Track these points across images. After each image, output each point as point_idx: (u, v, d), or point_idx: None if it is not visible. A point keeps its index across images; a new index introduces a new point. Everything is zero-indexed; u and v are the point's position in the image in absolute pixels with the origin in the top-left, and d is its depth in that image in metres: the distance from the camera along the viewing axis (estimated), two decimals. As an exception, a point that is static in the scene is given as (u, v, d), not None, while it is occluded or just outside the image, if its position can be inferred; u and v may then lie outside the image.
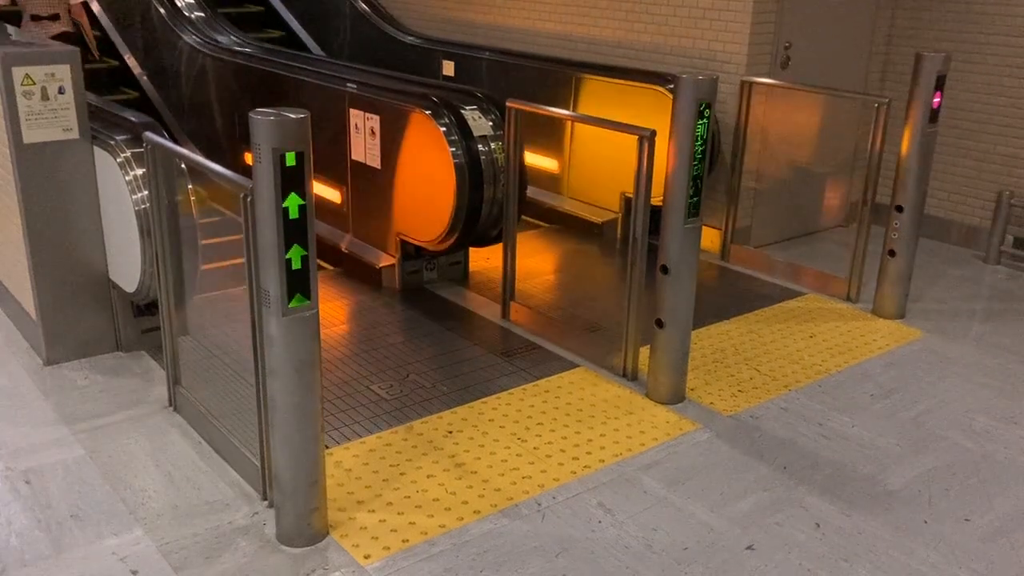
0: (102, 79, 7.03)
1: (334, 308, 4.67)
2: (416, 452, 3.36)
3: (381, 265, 4.92)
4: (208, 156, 6.47)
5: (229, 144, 6.34)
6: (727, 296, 5.01)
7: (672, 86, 3.61)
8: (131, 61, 7.17)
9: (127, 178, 3.59)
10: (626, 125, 3.83)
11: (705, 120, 3.45)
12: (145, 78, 7.11)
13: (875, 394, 3.93)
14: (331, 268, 5.28)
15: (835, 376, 4.07)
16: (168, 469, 3.22)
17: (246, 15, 7.98)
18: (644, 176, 3.68)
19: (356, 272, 5.09)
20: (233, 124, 6.31)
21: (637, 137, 3.67)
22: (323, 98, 5.22)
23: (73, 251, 3.90)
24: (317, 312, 2.65)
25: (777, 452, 3.46)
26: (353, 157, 5.04)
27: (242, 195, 2.65)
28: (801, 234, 6.02)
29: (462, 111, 4.51)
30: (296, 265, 2.56)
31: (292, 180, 2.49)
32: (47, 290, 3.88)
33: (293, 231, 2.53)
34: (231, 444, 3.21)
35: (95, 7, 7.28)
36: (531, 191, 6.23)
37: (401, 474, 3.22)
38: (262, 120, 2.44)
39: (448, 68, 6.92)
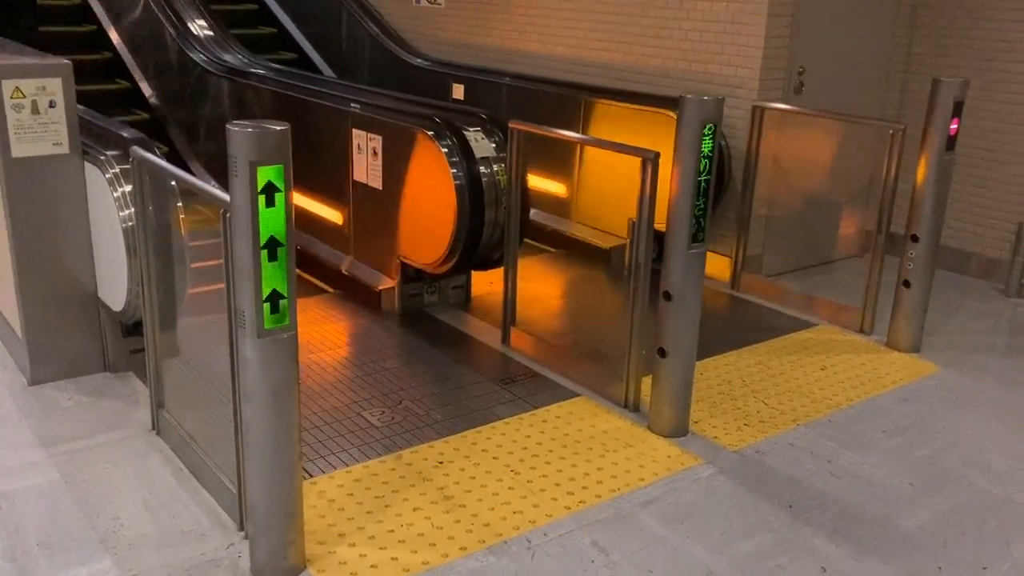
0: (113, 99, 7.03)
1: (332, 331, 4.55)
2: (404, 483, 3.22)
3: (381, 288, 4.81)
4: (216, 177, 6.45)
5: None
6: (736, 326, 4.85)
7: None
8: (141, 82, 7.14)
9: (115, 194, 3.50)
10: (630, 147, 3.70)
11: (710, 142, 3.32)
12: (154, 99, 7.08)
13: (888, 431, 3.75)
14: (332, 291, 5.17)
15: (846, 411, 3.90)
16: (145, 496, 3.10)
17: (262, 37, 7.98)
18: (647, 200, 3.56)
19: (356, 295, 4.97)
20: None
21: (640, 159, 3.54)
22: (326, 118, 5.14)
23: (61, 268, 3.80)
24: (295, 334, 2.52)
25: (783, 490, 3.29)
26: (355, 178, 4.95)
27: (221, 211, 2.54)
28: (814, 263, 5.87)
29: (464, 132, 4.41)
30: (273, 285, 2.43)
31: (271, 196, 2.38)
32: (33, 308, 3.78)
33: (271, 249, 2.41)
34: (210, 470, 3.08)
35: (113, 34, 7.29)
36: (538, 215, 6.14)
37: (386, 506, 3.08)
38: (239, 132, 2.33)
39: (458, 91, 6.85)
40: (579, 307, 5.22)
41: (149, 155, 3.19)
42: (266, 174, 2.35)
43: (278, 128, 2.36)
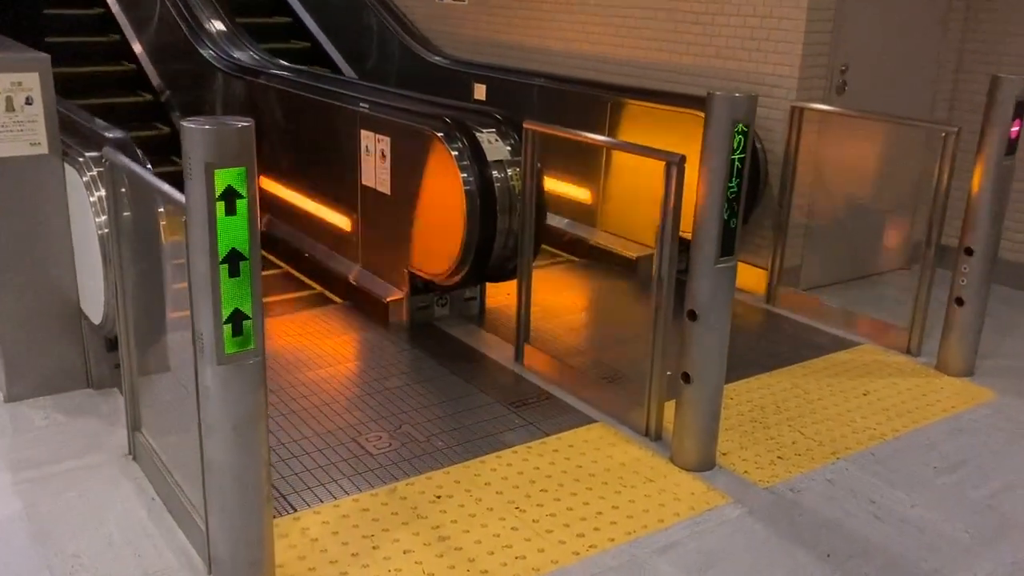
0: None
1: (334, 345, 4.26)
2: (395, 521, 2.90)
3: (389, 300, 4.51)
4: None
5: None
6: (771, 344, 4.48)
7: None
8: (147, 66, 6.88)
9: (92, 199, 3.24)
10: (653, 150, 3.37)
11: (741, 144, 2.97)
12: (165, 94, 6.85)
13: (939, 467, 3.37)
14: (340, 301, 4.89)
15: (891, 443, 3.52)
16: (110, 530, 2.82)
17: (274, 26, 7.73)
18: (672, 207, 3.22)
19: (364, 306, 4.68)
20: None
21: (664, 163, 3.21)
22: (335, 118, 4.86)
23: (41, 278, 3.55)
24: (262, 360, 2.22)
25: (820, 535, 2.93)
26: (363, 182, 4.66)
27: (183, 219, 2.24)
28: (857, 276, 5.46)
29: (476, 133, 4.09)
30: (236, 304, 2.14)
31: (231, 202, 2.08)
32: (11, 319, 3.53)
33: (232, 263, 2.11)
34: (181, 503, 2.80)
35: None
36: (562, 223, 5.81)
37: (374, 548, 2.77)
38: (193, 129, 2.04)
39: (480, 92, 6.54)
40: (601, 322, 4.88)
41: (121, 157, 2.91)
42: (225, 178, 2.06)
43: (239, 125, 2.07)
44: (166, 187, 2.44)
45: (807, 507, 3.08)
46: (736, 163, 2.99)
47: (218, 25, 6.45)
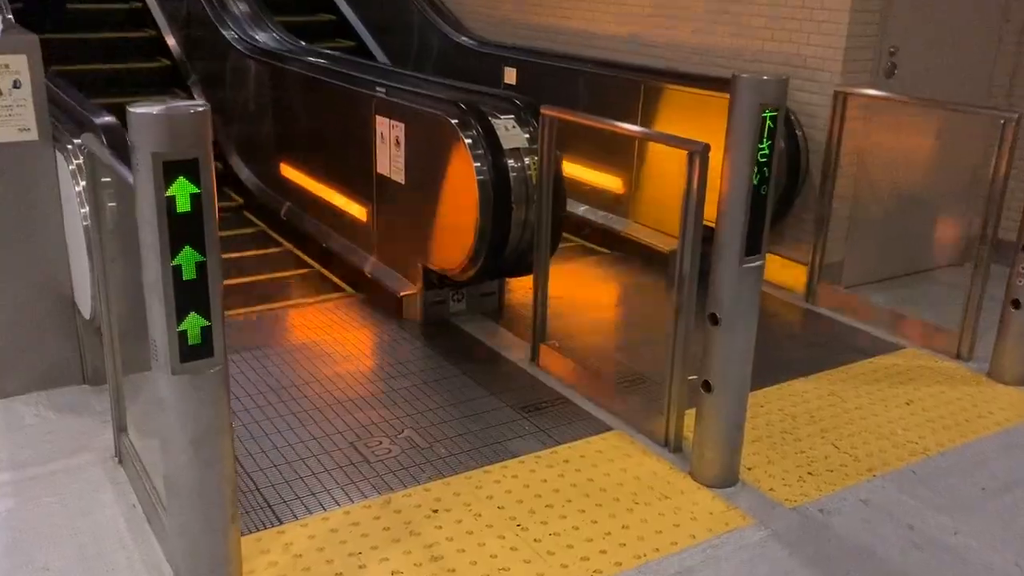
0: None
1: (341, 341, 4.07)
2: (386, 537, 2.70)
3: (403, 294, 4.30)
4: (250, 167, 6.06)
5: (263, 154, 5.86)
6: (808, 347, 4.18)
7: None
8: (181, 62, 6.80)
9: (77, 188, 3.07)
10: (675, 138, 3.11)
11: (770, 131, 2.69)
12: (194, 79, 6.74)
13: (988, 488, 3.06)
14: (355, 293, 4.70)
15: (936, 459, 3.22)
16: (84, 541, 2.65)
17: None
18: (694, 200, 2.95)
19: (378, 299, 4.49)
20: (264, 131, 5.83)
21: (687, 152, 2.94)
22: (350, 103, 4.66)
23: (33, 269, 3.41)
24: (223, 369, 2.02)
25: (851, 564, 2.65)
26: (379, 170, 4.45)
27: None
28: (904, 273, 5.11)
29: (492, 120, 3.85)
30: (192, 308, 1.94)
31: (184, 198, 1.88)
32: (3, 312, 3.40)
33: (186, 263, 1.91)
34: (158, 514, 2.62)
35: None
36: (592, 213, 5.56)
37: (360, 567, 2.57)
38: (142, 115, 1.83)
39: (510, 76, 6.29)
40: (626, 321, 4.62)
41: (99, 145, 2.73)
42: (176, 170, 1.85)
43: (192, 110, 1.86)
44: (127, 174, 2.25)
45: (837, 531, 2.80)
46: (763, 153, 2.71)
47: (241, 5, 6.30)
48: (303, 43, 6.12)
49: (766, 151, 2.72)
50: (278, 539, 2.67)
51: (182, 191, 1.86)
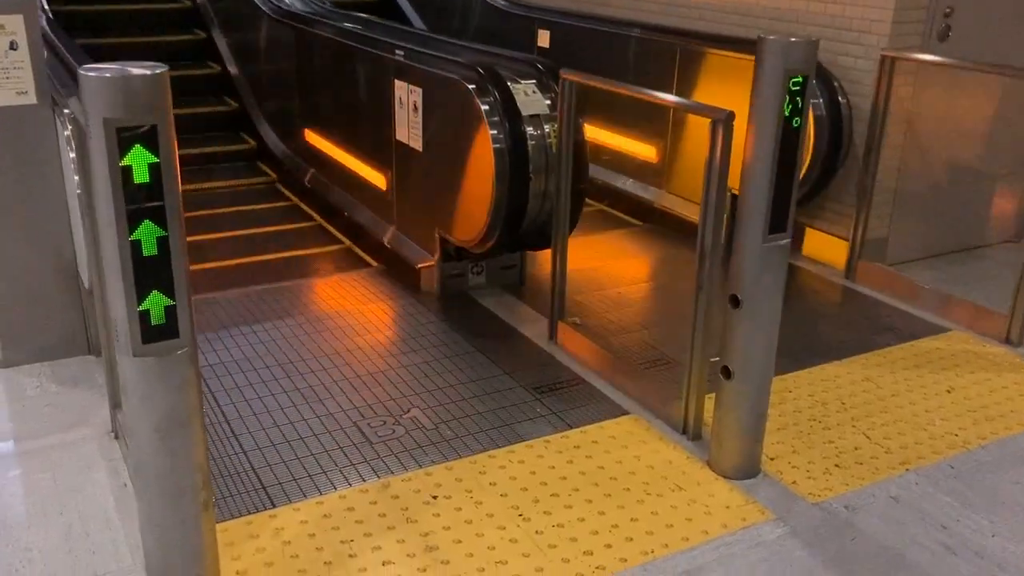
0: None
1: (358, 313, 3.94)
2: (381, 524, 2.57)
3: (421, 266, 4.16)
4: (284, 142, 5.93)
5: (293, 125, 5.73)
6: (844, 327, 3.95)
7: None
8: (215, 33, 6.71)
9: (71, 155, 2.97)
10: (698, 105, 2.90)
11: (798, 99, 2.47)
12: (224, 47, 6.63)
13: (1032, 486, 2.84)
14: (375, 264, 4.57)
15: (976, 453, 3.00)
16: (71, 520, 2.57)
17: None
18: (717, 170, 2.75)
19: (396, 271, 4.35)
20: (292, 101, 5.70)
21: (710, 120, 2.73)
22: (371, 67, 4.50)
23: (36, 237, 3.33)
24: (191, 351, 1.89)
25: (876, 567, 2.46)
26: (397, 137, 4.29)
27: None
28: (952, 250, 4.82)
29: (512, 85, 3.66)
30: (153, 287, 1.81)
31: (141, 167, 1.74)
32: (5, 281, 3.33)
33: (146, 239, 1.78)
34: (145, 496, 2.53)
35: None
36: (624, 184, 5.35)
37: (351, 556, 2.45)
38: (92, 79, 1.69)
39: (543, 39, 6.07)
40: (652, 296, 4.42)
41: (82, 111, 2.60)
42: (132, 138, 1.71)
43: (148, 73, 1.71)
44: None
45: (863, 530, 2.61)
46: (792, 121, 2.49)
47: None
48: (329, 5, 5.96)
49: (796, 120, 2.50)
50: (269, 523, 2.57)
51: (139, 160, 1.72)
